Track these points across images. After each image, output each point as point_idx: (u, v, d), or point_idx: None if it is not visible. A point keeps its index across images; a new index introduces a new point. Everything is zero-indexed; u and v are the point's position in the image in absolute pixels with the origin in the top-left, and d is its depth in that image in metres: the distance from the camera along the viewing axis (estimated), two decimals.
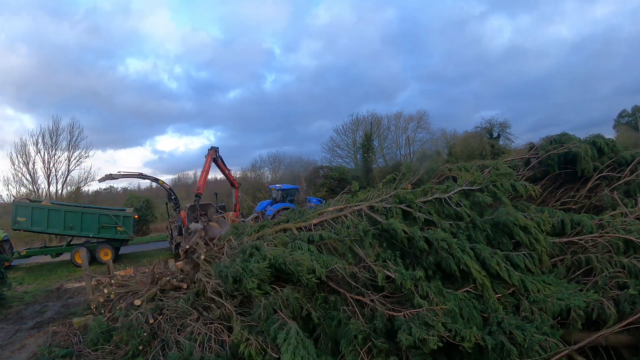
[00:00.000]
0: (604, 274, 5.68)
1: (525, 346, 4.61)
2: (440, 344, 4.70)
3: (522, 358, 4.61)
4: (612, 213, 7.27)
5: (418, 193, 7.50)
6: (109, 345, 6.77)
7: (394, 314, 5.28)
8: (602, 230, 6.49)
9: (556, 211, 7.41)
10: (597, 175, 8.73)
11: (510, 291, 5.64)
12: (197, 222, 16.22)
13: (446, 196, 7.10)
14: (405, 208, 7.17)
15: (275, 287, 6.23)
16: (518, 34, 76.45)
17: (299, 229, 7.92)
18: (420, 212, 7.04)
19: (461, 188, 7.20)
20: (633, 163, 8.64)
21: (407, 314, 5.16)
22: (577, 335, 4.99)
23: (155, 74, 74.69)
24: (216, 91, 76.21)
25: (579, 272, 6.07)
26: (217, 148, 18.71)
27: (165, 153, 67.52)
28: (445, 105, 60.15)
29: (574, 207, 8.60)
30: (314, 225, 7.88)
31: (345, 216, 7.64)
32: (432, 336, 4.69)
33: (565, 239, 6.58)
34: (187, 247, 8.84)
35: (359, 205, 7.89)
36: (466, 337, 4.72)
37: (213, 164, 18.70)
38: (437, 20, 77.16)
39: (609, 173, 8.74)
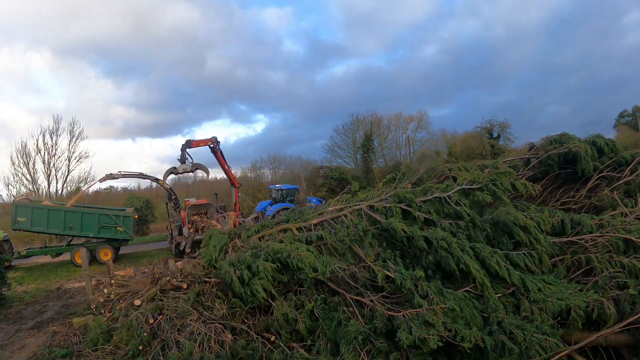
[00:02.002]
0: (604, 274, 5.67)
1: (525, 346, 4.60)
2: (440, 344, 4.70)
3: (522, 358, 4.60)
4: (612, 213, 7.27)
5: (418, 192, 7.50)
6: (109, 345, 6.77)
7: (394, 314, 5.28)
8: (602, 230, 6.49)
9: (556, 211, 7.40)
10: (597, 175, 8.72)
11: (510, 291, 5.63)
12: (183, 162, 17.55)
13: (446, 195, 7.10)
14: (405, 207, 7.17)
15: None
16: None
17: (299, 229, 7.93)
18: (419, 211, 7.04)
19: (461, 187, 7.20)
20: (633, 163, 8.63)
21: (406, 314, 5.16)
22: (577, 335, 4.99)
23: None
24: None
25: (579, 272, 6.06)
26: (216, 137, 18.44)
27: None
28: None
29: (574, 207, 8.60)
30: (314, 225, 7.89)
31: (345, 216, 7.64)
32: (433, 336, 4.69)
33: (565, 239, 6.57)
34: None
35: (358, 205, 7.89)
36: (466, 337, 4.72)
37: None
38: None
39: (609, 173, 8.73)
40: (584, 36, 66.03)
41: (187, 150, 17.88)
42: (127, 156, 64.89)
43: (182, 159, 17.79)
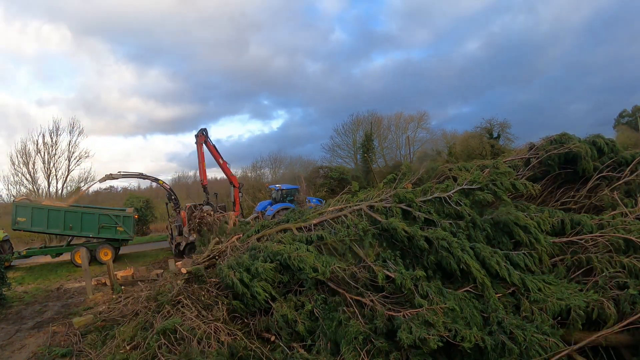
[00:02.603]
0: (604, 273, 5.67)
1: (525, 346, 4.60)
2: (441, 344, 4.70)
3: (522, 358, 4.60)
4: (612, 213, 7.26)
5: (418, 192, 7.50)
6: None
7: (394, 314, 5.28)
8: (602, 230, 6.49)
9: (556, 211, 7.40)
10: (597, 175, 8.72)
11: (510, 291, 5.63)
12: (208, 204, 17.34)
13: (446, 195, 7.10)
14: (405, 207, 7.17)
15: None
16: None
17: (299, 229, 7.93)
18: (420, 211, 7.04)
19: (461, 187, 7.20)
20: (633, 163, 8.63)
21: (407, 313, 5.16)
22: (577, 335, 4.98)
23: None
24: None
25: (579, 272, 6.06)
26: (205, 129, 17.87)
27: None
28: None
29: (574, 207, 8.59)
30: (314, 225, 7.89)
31: (345, 216, 7.64)
32: (433, 336, 4.69)
33: (565, 239, 6.57)
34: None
35: (358, 205, 7.89)
36: (466, 337, 4.72)
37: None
38: None
39: (609, 173, 8.73)
40: (619, 36, 65.28)
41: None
42: (134, 154, 64.34)
43: (207, 201, 17.80)
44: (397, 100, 69.46)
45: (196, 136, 17.92)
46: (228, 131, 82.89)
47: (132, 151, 66.10)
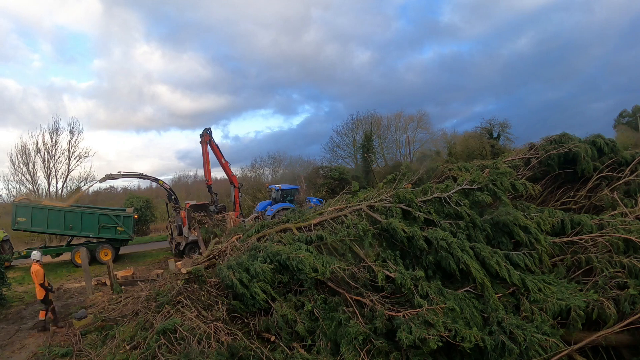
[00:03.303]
0: (604, 274, 5.67)
1: (525, 346, 4.60)
2: (440, 344, 4.70)
3: (522, 358, 4.60)
4: (612, 213, 7.26)
5: (418, 192, 7.50)
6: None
7: (394, 314, 5.28)
8: (601, 230, 6.49)
9: (556, 211, 7.40)
10: (597, 175, 8.72)
11: (510, 291, 5.63)
12: (215, 204, 17.29)
13: (446, 195, 7.09)
14: (405, 207, 7.16)
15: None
16: None
17: (299, 229, 7.93)
18: (420, 211, 7.03)
19: (461, 187, 7.19)
20: (633, 163, 8.63)
21: (406, 314, 5.16)
22: (577, 335, 4.98)
23: None
24: None
25: (579, 272, 6.06)
26: (209, 129, 17.93)
27: None
28: None
29: (574, 207, 8.60)
30: (314, 225, 7.89)
31: (345, 216, 7.64)
32: (433, 336, 4.68)
33: (565, 239, 6.57)
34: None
35: (358, 204, 7.89)
36: (466, 337, 4.72)
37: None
38: None
39: (609, 173, 8.73)
40: None
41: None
42: (142, 151, 61.70)
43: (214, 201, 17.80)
44: (429, 97, 67.89)
45: (201, 135, 18.05)
46: (248, 127, 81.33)
47: (141, 148, 64.21)
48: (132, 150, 63.12)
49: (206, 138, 17.96)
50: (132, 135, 67.55)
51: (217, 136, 74.32)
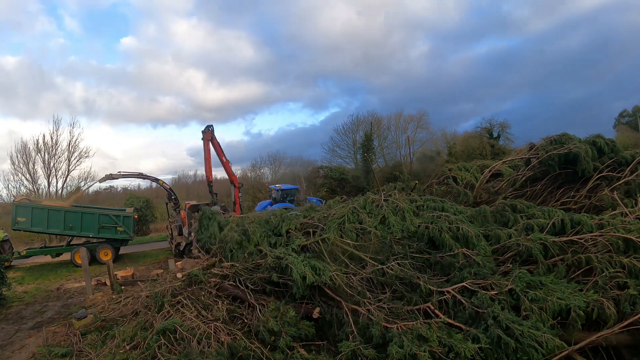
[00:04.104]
0: (604, 274, 5.67)
1: (522, 341, 4.56)
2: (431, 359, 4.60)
3: (520, 355, 4.57)
4: (612, 213, 7.26)
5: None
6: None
7: (389, 325, 5.26)
8: (601, 230, 6.48)
9: (556, 211, 7.40)
10: (597, 175, 8.72)
11: (507, 289, 5.61)
12: (215, 205, 16.91)
13: None
14: None
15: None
16: None
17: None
18: None
19: None
20: (633, 163, 8.63)
21: (400, 326, 5.13)
22: (577, 335, 4.97)
23: None
24: None
25: (579, 272, 6.06)
26: (211, 126, 17.79)
27: None
28: None
29: (574, 207, 8.60)
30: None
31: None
32: (424, 352, 4.61)
33: (565, 238, 6.57)
34: None
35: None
36: (461, 353, 4.63)
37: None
38: None
39: (609, 173, 8.73)
40: None
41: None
42: (152, 148, 58.28)
43: (213, 202, 17.53)
44: (466, 93, 65.57)
45: (203, 132, 17.84)
46: (273, 122, 79.03)
47: (152, 144, 60.47)
48: (143, 147, 59.71)
49: (208, 135, 17.77)
50: (147, 129, 64.06)
51: (239, 133, 71.14)
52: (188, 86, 61.59)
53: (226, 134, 71.72)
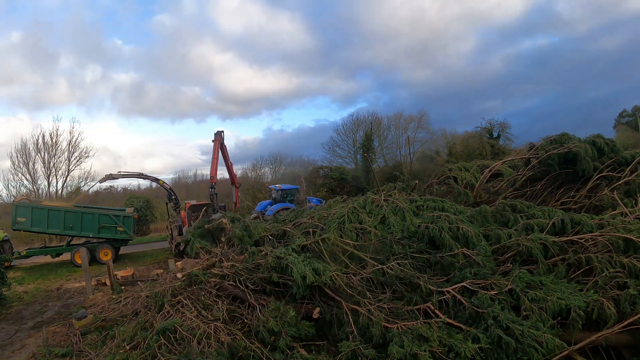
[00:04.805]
0: (604, 273, 5.66)
1: (522, 341, 4.56)
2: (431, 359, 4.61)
3: (520, 355, 4.57)
4: (612, 213, 7.26)
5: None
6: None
7: (389, 325, 5.27)
8: (601, 229, 6.48)
9: (556, 210, 7.40)
10: (597, 175, 8.72)
11: (507, 289, 5.62)
12: (216, 212, 16.92)
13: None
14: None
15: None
16: None
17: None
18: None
19: None
20: (633, 163, 8.63)
21: (400, 326, 5.14)
22: (577, 335, 4.97)
23: None
24: None
25: (579, 272, 6.05)
26: (222, 132, 18.61)
27: None
28: None
29: (574, 207, 8.60)
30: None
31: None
32: (424, 351, 4.62)
33: (565, 238, 6.57)
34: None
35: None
36: (461, 352, 4.64)
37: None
38: None
39: (609, 173, 8.73)
40: None
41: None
42: (164, 145, 55.49)
43: (217, 209, 17.64)
44: (497, 90, 64.32)
45: (215, 135, 18.56)
46: (298, 118, 75.23)
47: (165, 140, 57.79)
48: (153, 144, 56.90)
49: (219, 138, 18.54)
50: (163, 123, 60.33)
51: (258, 129, 68.16)
52: (216, 73, 59.43)
53: (245, 130, 69.55)
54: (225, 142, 19.15)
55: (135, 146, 55.75)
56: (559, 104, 57.82)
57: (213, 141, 18.64)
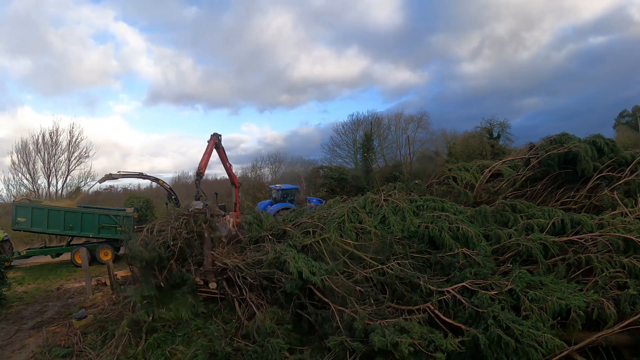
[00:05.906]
0: (604, 274, 5.66)
1: (522, 341, 4.56)
2: (412, 349, 4.66)
3: (519, 355, 4.57)
4: (612, 213, 7.26)
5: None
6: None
7: (371, 322, 5.29)
8: (601, 229, 6.48)
9: (556, 210, 7.40)
10: (597, 175, 8.72)
11: (507, 289, 5.62)
12: (197, 200, 16.45)
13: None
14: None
15: None
16: None
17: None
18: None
19: None
20: (633, 163, 8.63)
21: (383, 322, 5.18)
22: (577, 336, 4.97)
23: None
24: None
25: (579, 272, 6.06)
26: (220, 135, 18.50)
27: None
28: None
29: (573, 207, 8.60)
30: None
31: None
32: (405, 339, 4.66)
33: (565, 238, 6.57)
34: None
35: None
36: (442, 345, 4.66)
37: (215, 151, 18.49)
38: None
39: (609, 173, 8.73)
40: None
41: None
42: (174, 143, 54.34)
43: (198, 195, 17.37)
44: (540, 87, 63.29)
45: (211, 135, 18.37)
46: (343, 110, 74.05)
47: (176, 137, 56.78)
48: (161, 141, 55.34)
49: (214, 139, 18.37)
50: (198, 113, 56.97)
51: (295, 122, 65.52)
52: (275, 63, 57.74)
53: (282, 124, 66.48)
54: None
55: (145, 144, 54.14)
56: (593, 103, 56.67)
57: (208, 141, 18.41)
